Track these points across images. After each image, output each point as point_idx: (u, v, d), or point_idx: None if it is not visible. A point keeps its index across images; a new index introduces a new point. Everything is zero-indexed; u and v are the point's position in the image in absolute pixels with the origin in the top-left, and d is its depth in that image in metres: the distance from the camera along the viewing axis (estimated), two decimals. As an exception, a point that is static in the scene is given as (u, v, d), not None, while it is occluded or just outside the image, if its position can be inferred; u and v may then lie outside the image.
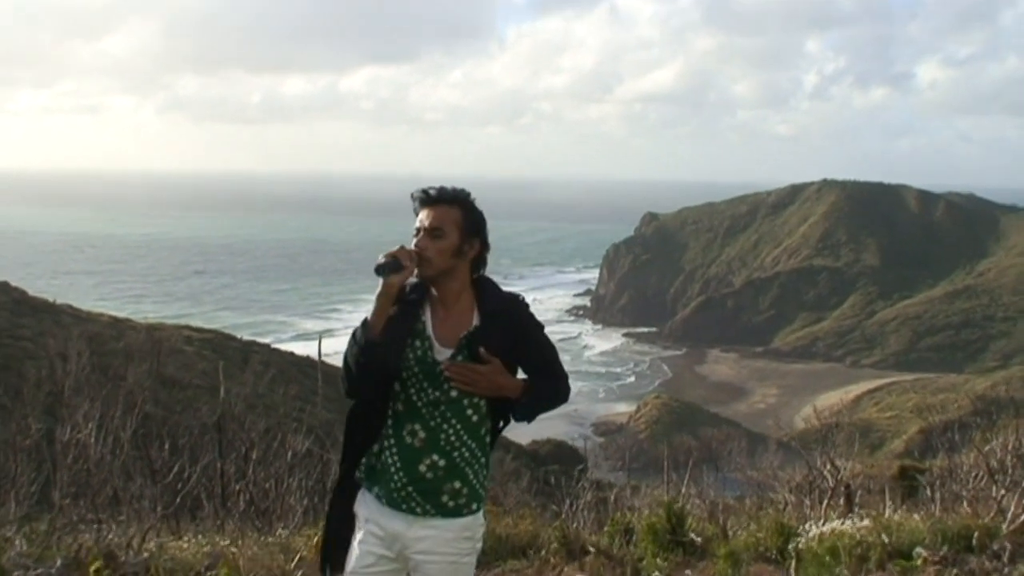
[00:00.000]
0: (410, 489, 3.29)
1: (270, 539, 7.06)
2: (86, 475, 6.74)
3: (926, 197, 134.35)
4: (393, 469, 3.31)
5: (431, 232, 3.27)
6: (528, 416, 3.32)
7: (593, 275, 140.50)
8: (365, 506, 3.38)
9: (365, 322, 3.23)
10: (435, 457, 3.27)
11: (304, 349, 48.21)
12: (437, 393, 3.27)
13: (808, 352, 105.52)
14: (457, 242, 3.29)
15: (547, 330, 3.43)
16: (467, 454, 3.31)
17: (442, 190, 3.33)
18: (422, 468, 3.27)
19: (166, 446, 7.73)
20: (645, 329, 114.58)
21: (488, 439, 3.38)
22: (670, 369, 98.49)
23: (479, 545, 3.41)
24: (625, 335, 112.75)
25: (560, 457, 39.15)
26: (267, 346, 46.82)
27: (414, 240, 3.30)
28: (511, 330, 3.30)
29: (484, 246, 3.37)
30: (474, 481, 3.34)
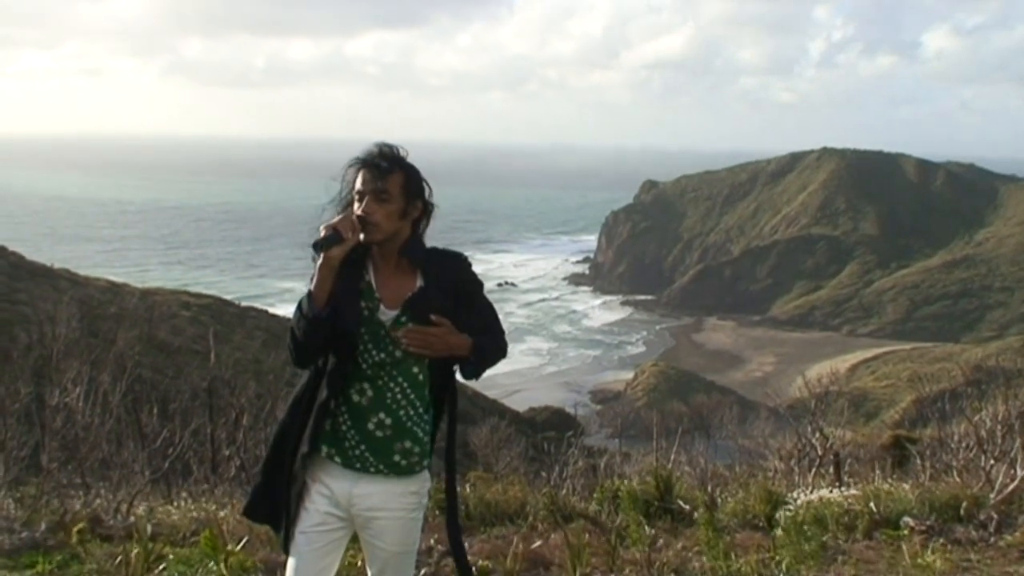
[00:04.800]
0: (363, 448, 3.32)
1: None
2: (75, 439, 6.75)
3: (925, 166, 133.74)
4: (345, 428, 3.33)
5: (377, 196, 3.25)
6: (475, 374, 3.34)
7: (593, 242, 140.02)
8: (311, 467, 3.39)
9: (310, 294, 3.21)
10: (382, 415, 3.30)
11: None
12: (382, 355, 3.29)
13: (805, 321, 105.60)
14: (402, 205, 3.28)
15: (546, 296, 3.41)
16: (413, 413, 3.34)
17: (383, 156, 3.30)
18: (370, 426, 3.30)
19: (156, 411, 7.73)
20: (643, 297, 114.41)
21: (431, 397, 3.41)
22: (670, 337, 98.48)
23: (425, 500, 3.44)
24: (623, 303, 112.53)
25: (557, 424, 39.24)
26: (264, 312, 46.85)
27: (357, 205, 3.28)
28: (454, 289, 3.33)
29: (426, 206, 3.37)
30: (424, 439, 3.38)
